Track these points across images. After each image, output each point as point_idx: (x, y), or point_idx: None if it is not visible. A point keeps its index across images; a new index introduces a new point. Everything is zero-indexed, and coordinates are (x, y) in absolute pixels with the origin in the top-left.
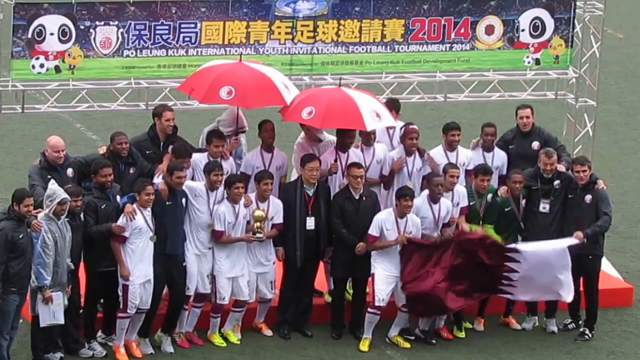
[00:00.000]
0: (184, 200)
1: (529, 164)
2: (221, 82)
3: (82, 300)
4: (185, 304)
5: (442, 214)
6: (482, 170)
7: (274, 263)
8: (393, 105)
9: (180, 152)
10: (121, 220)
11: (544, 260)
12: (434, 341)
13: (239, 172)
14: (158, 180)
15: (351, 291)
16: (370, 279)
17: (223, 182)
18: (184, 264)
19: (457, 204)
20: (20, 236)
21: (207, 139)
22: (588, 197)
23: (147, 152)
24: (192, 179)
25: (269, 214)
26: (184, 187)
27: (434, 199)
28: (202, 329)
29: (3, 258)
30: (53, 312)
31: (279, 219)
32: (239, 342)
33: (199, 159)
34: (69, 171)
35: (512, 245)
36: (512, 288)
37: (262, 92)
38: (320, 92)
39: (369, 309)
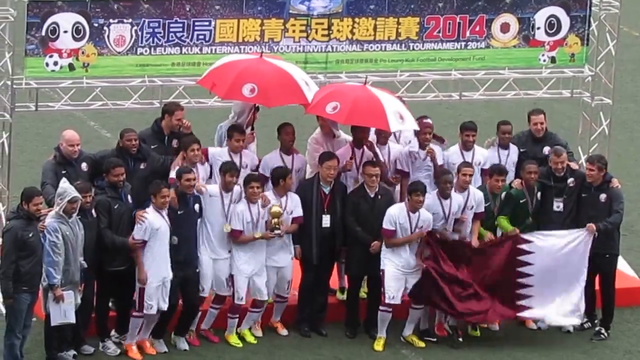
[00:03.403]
0: (197, 206)
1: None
2: (244, 79)
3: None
4: (200, 305)
5: (453, 209)
6: (497, 171)
7: (292, 259)
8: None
9: (187, 141)
10: (137, 231)
11: (557, 261)
12: (460, 339)
13: (256, 168)
14: (174, 174)
15: (365, 289)
16: (380, 275)
17: (243, 181)
18: (197, 271)
19: (472, 207)
20: (30, 235)
21: (228, 133)
22: (603, 196)
23: (152, 146)
24: (211, 174)
25: (288, 208)
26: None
27: (444, 195)
28: (221, 328)
29: (13, 257)
30: (64, 310)
31: (298, 212)
32: (255, 342)
33: (218, 154)
34: (83, 165)
35: (526, 236)
36: (529, 299)
37: (284, 90)
38: (346, 89)
39: (380, 307)
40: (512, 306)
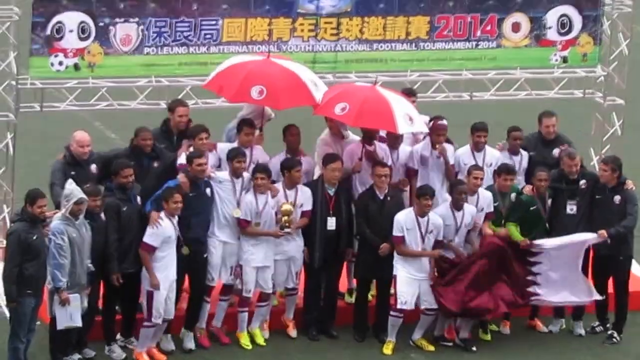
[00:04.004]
0: (208, 189)
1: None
2: (252, 81)
3: (100, 302)
4: (208, 296)
5: (465, 220)
6: (506, 170)
7: (303, 251)
8: (410, 92)
9: (195, 129)
10: (148, 236)
11: (566, 253)
12: (474, 348)
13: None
14: (182, 159)
15: (372, 292)
16: (392, 281)
17: (251, 171)
18: (205, 256)
19: (482, 209)
20: (34, 237)
21: (238, 127)
22: (617, 198)
23: (161, 145)
24: (219, 167)
25: (297, 202)
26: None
27: (457, 206)
28: (233, 330)
29: (17, 260)
30: (70, 314)
31: (308, 206)
32: (265, 344)
33: (228, 148)
34: (93, 167)
35: (537, 242)
36: (538, 286)
37: (293, 92)
38: (355, 89)
39: (391, 312)
40: (521, 294)
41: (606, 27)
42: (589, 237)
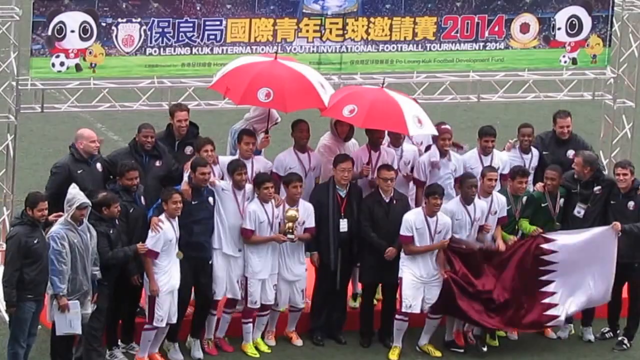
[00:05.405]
0: (211, 198)
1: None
2: (259, 83)
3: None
4: (214, 309)
5: (477, 215)
6: (520, 172)
7: (305, 270)
8: None
9: (200, 142)
10: (150, 240)
11: (582, 255)
12: (484, 348)
13: (269, 173)
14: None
15: (378, 297)
16: (398, 283)
17: (253, 181)
18: (210, 262)
19: (495, 213)
20: (35, 241)
21: (238, 137)
22: (631, 204)
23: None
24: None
25: (299, 218)
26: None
27: (467, 200)
28: (236, 336)
29: (17, 264)
30: (69, 320)
31: (310, 223)
32: (270, 351)
33: (228, 161)
34: (98, 166)
35: (549, 235)
36: (553, 296)
37: (301, 94)
38: (363, 91)
39: (396, 316)
40: (537, 309)
41: (616, 28)
42: (602, 230)
